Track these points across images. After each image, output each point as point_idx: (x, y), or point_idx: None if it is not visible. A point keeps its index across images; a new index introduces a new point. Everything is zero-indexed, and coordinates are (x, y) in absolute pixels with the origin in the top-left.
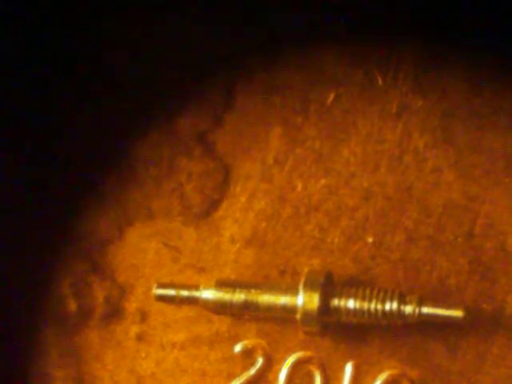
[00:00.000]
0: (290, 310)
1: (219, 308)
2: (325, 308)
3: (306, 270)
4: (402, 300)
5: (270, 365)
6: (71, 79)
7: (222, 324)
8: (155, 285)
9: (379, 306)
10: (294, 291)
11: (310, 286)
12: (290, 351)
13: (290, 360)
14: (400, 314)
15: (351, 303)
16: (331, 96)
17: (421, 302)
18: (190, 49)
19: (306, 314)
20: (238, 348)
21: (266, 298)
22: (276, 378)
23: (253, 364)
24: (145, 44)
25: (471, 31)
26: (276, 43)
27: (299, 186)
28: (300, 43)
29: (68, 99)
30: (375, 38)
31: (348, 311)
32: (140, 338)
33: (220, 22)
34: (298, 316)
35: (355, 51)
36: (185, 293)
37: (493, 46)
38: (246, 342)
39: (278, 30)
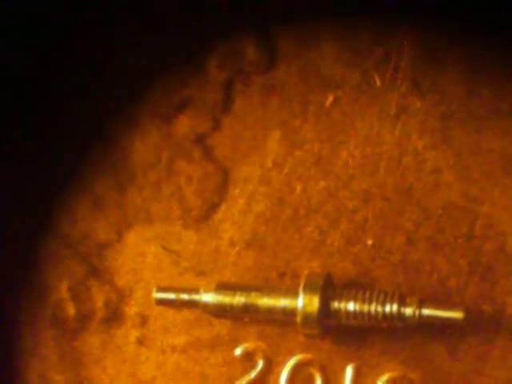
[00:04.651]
0: (290, 313)
1: (219, 311)
2: (325, 310)
3: (305, 272)
4: (402, 302)
5: (271, 367)
6: (68, 82)
7: (222, 327)
8: (155, 288)
9: (379, 309)
10: (293, 294)
11: (309, 288)
12: (290, 354)
13: (291, 363)
14: (400, 316)
15: (351, 305)
16: (330, 98)
17: (421, 304)
18: (189, 50)
19: (306, 317)
20: (238, 351)
21: (265, 301)
22: (277, 381)
23: (253, 367)
24: (144, 47)
25: (470, 33)
26: (273, 45)
27: (298, 189)
28: (297, 45)
29: (64, 100)
30: (373, 40)
31: (348, 314)
32: (140, 341)
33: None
34: (298, 319)
35: (353, 52)
36: (185, 296)
37: (491, 47)
38: (246, 344)
39: (274, 32)
